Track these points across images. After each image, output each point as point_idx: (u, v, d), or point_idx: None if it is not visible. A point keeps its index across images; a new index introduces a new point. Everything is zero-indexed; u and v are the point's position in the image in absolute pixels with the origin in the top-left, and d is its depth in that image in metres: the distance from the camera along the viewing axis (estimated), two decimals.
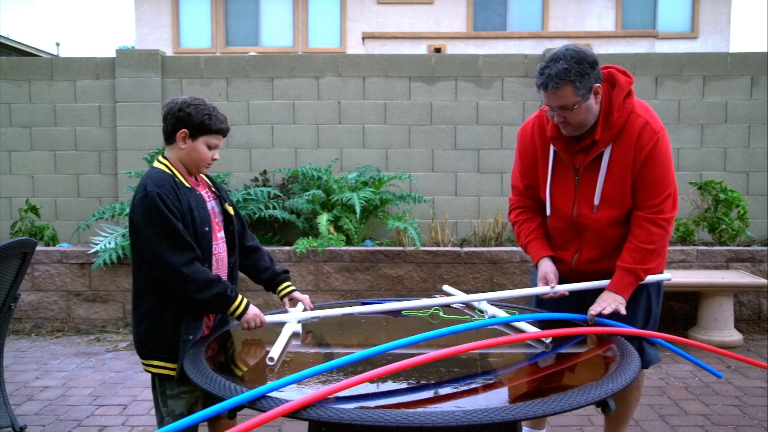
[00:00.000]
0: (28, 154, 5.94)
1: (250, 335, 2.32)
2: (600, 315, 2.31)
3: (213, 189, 2.41)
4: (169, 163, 2.27)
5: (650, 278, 2.43)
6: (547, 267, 2.48)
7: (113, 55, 5.89)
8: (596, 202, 2.37)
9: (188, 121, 2.21)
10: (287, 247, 5.05)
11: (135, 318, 2.26)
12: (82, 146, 5.93)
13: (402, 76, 5.85)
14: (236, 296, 2.23)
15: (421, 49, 9.67)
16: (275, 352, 2.00)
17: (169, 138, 2.26)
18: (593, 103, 2.28)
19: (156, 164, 2.28)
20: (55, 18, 60.50)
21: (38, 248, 4.93)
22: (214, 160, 2.29)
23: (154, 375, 2.28)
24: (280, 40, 12.10)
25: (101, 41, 54.73)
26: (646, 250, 2.34)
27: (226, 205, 2.41)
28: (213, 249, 2.26)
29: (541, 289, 2.44)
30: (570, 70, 2.19)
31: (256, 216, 5.28)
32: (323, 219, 5.09)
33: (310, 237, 5.17)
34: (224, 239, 2.38)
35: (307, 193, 5.29)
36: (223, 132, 2.27)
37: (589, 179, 2.38)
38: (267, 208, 5.33)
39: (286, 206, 5.42)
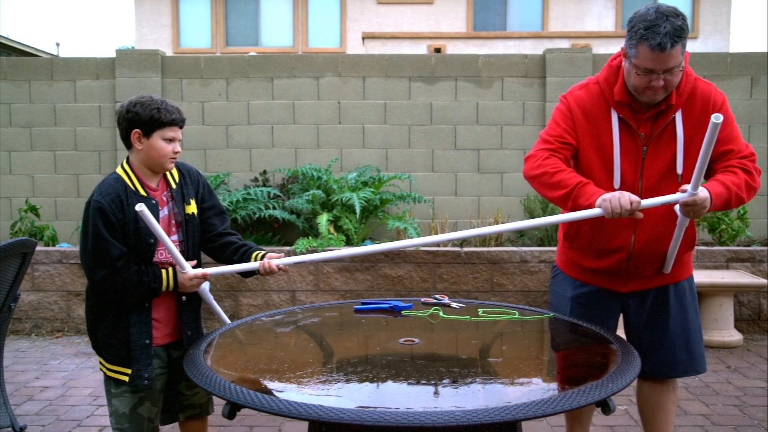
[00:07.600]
0: (28, 154, 5.94)
1: (250, 336, 2.32)
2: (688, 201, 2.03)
3: (173, 188, 2.31)
4: (129, 168, 2.25)
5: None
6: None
7: (113, 55, 5.89)
8: (679, 171, 2.16)
9: (138, 120, 2.19)
10: (287, 248, 5.05)
11: (85, 311, 2.30)
12: (82, 146, 5.93)
13: (402, 76, 5.85)
14: (160, 284, 2.20)
15: (421, 49, 9.67)
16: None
17: (127, 142, 2.23)
18: None
19: (118, 169, 2.26)
20: (55, 18, 60.53)
21: (38, 248, 4.93)
22: (177, 153, 2.24)
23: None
24: (280, 40, 12.09)
25: (101, 41, 54.78)
26: (742, 181, 2.12)
27: (186, 205, 2.31)
28: (156, 257, 2.24)
29: (592, 212, 2.08)
30: (684, 28, 1.98)
31: (256, 216, 5.28)
32: (323, 219, 5.09)
33: (310, 237, 5.16)
34: (183, 242, 2.31)
35: (307, 193, 5.29)
36: (175, 122, 2.22)
37: (660, 149, 2.18)
38: (267, 208, 5.34)
39: (286, 206, 5.42)
